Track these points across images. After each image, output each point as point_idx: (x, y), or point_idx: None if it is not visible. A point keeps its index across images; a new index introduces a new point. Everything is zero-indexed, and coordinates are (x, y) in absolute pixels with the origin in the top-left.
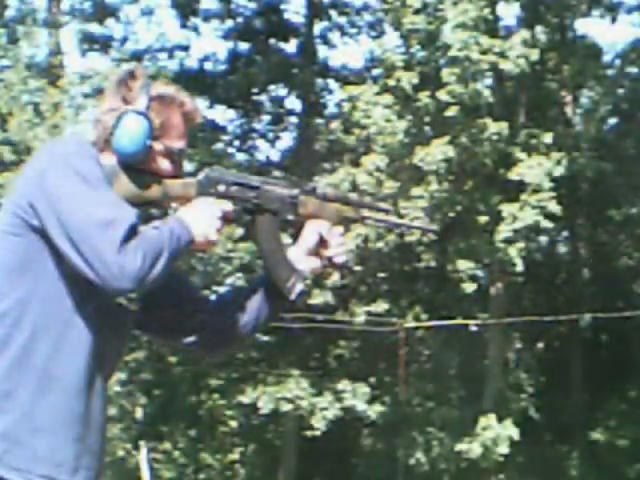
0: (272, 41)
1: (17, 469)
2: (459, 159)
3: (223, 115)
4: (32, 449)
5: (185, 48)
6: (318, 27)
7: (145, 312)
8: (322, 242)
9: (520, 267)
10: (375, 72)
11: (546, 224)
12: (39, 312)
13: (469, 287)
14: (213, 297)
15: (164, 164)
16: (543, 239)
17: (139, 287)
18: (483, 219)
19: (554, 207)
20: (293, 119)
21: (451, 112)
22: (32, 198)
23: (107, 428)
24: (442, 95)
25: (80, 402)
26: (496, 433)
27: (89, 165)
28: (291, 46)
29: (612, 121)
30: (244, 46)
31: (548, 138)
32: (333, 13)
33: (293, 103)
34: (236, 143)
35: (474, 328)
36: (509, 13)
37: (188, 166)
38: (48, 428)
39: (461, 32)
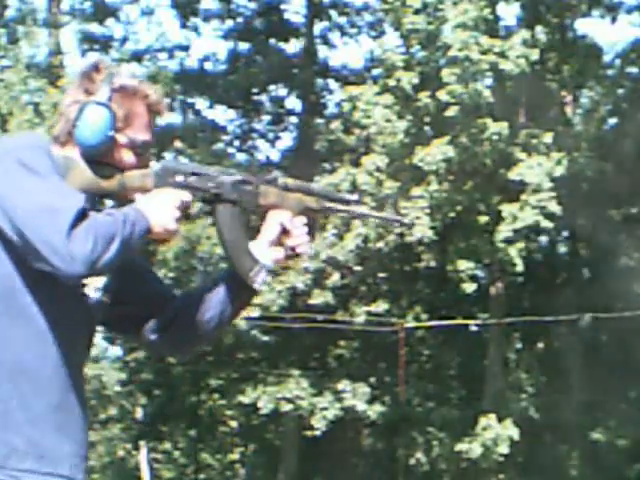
0: (272, 41)
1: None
2: (459, 159)
3: (223, 115)
4: (11, 445)
5: (185, 48)
6: (318, 27)
7: (112, 307)
8: (285, 232)
9: (520, 267)
10: (375, 72)
11: (546, 224)
12: (1, 308)
13: (469, 287)
14: (178, 294)
15: (128, 157)
16: (543, 239)
17: (90, 272)
18: (483, 219)
19: (554, 207)
20: (293, 119)
21: (451, 112)
22: None
23: (88, 416)
24: (442, 95)
25: (55, 392)
26: (496, 433)
27: (36, 156)
28: (291, 46)
29: (612, 121)
30: (244, 46)
31: (548, 138)
32: (333, 13)
33: (293, 103)
34: (236, 143)
35: (474, 328)
36: (509, 13)
37: None
38: (25, 421)
39: (461, 32)
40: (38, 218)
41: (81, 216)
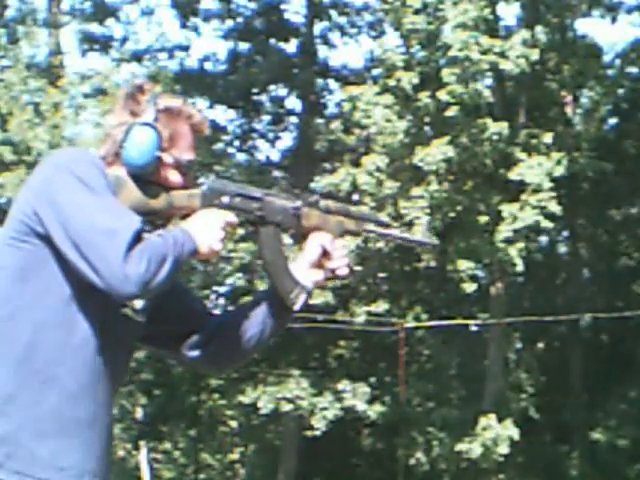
0: (272, 41)
1: (18, 472)
2: (459, 159)
3: (223, 115)
4: (33, 453)
5: (185, 48)
6: (318, 27)
7: (150, 325)
8: (325, 254)
9: (520, 267)
10: (375, 72)
11: (546, 224)
12: (43, 317)
13: (469, 287)
14: (217, 312)
15: (174, 176)
16: (543, 239)
17: (143, 292)
18: (483, 219)
19: (554, 207)
20: (293, 119)
21: (451, 112)
22: (37, 205)
23: (112, 437)
24: (442, 95)
25: (84, 407)
26: (496, 433)
27: (93, 173)
28: (291, 46)
29: (612, 121)
30: (244, 46)
31: (548, 138)
32: (333, 13)
33: (293, 103)
34: (236, 143)
35: (474, 328)
36: (509, 13)
37: None
38: (51, 432)
39: (461, 32)
40: (96, 235)
41: (137, 237)
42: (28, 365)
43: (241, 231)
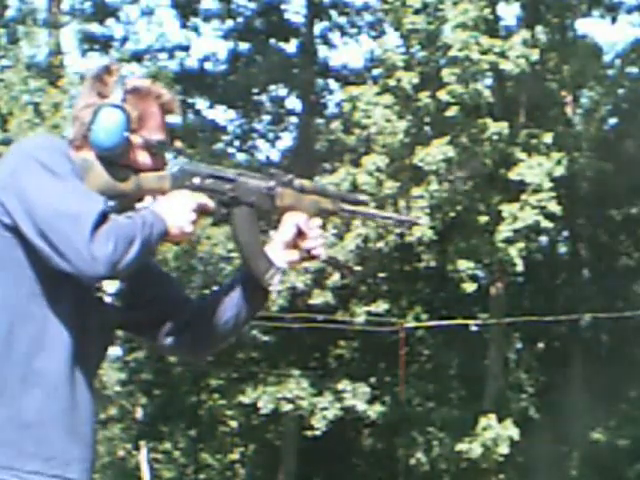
0: (272, 41)
1: (6, 467)
2: (459, 159)
3: (223, 115)
4: (19, 446)
5: (185, 48)
6: (318, 27)
7: (128, 311)
8: (300, 234)
9: (520, 267)
10: (375, 72)
11: (546, 224)
12: (16, 309)
13: (469, 287)
14: (194, 297)
15: (144, 157)
16: (543, 239)
17: (112, 273)
18: (483, 219)
19: (554, 207)
20: (293, 119)
21: (451, 112)
22: (2, 196)
23: (97, 421)
24: (442, 95)
25: (66, 395)
26: (496, 433)
27: (57, 158)
28: (291, 46)
29: (612, 121)
30: (244, 46)
31: (548, 138)
32: (333, 13)
33: (293, 103)
34: (236, 143)
35: (474, 328)
36: (509, 13)
37: None
38: (34, 423)
39: (461, 32)
40: (60, 220)
41: (102, 219)
42: (6, 358)
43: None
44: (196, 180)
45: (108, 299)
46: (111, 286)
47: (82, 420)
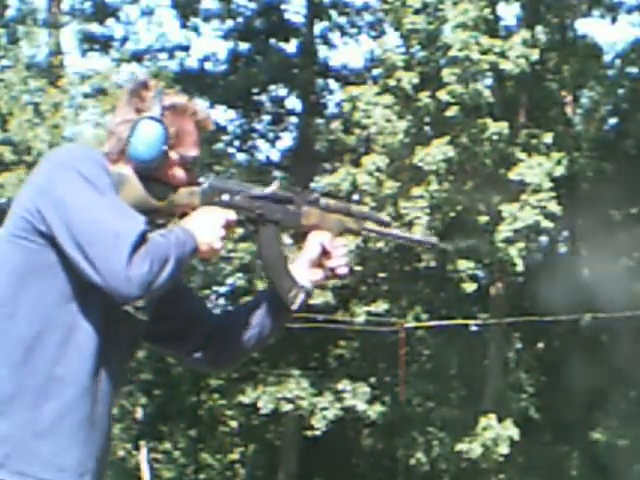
0: (272, 41)
1: (19, 473)
2: (459, 159)
3: (223, 115)
4: (35, 453)
5: (185, 48)
6: (318, 27)
7: (153, 323)
8: (324, 253)
9: (520, 267)
10: (375, 72)
11: (546, 224)
12: (44, 316)
13: (469, 287)
14: (217, 311)
15: (179, 173)
16: (543, 239)
17: (145, 293)
18: (483, 219)
19: (554, 207)
20: (293, 119)
21: (451, 112)
22: (39, 203)
23: (112, 434)
24: (442, 95)
25: (85, 407)
26: (496, 433)
27: (97, 171)
28: (291, 46)
29: (612, 121)
30: (244, 46)
31: (548, 138)
32: (333, 13)
33: (293, 103)
34: (236, 143)
35: (474, 328)
36: (509, 13)
37: None
38: (51, 432)
39: (461, 32)
40: (100, 236)
41: (142, 239)
42: (29, 365)
43: (240, 230)
44: (225, 196)
45: (135, 312)
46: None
47: (97, 433)
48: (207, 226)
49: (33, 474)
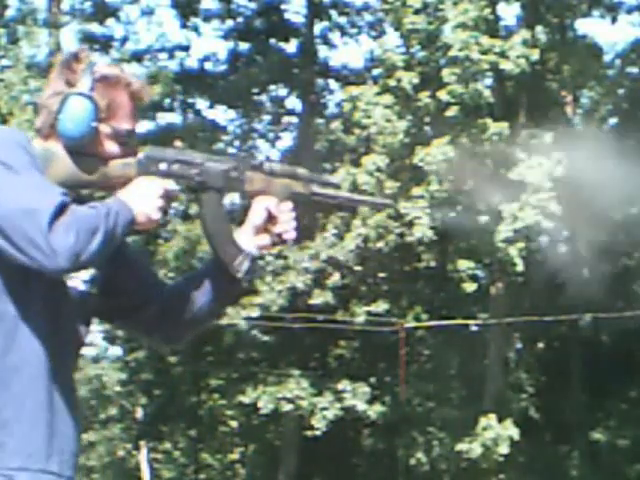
0: (272, 41)
1: None
2: (459, 159)
3: (223, 115)
4: (1, 444)
5: (185, 48)
6: (318, 27)
7: (103, 298)
8: (271, 218)
9: (520, 267)
10: (375, 72)
11: (546, 224)
12: None
13: (469, 287)
14: (168, 284)
15: (112, 147)
16: (543, 239)
17: (75, 264)
18: (483, 219)
19: (554, 207)
20: (293, 119)
21: (451, 112)
22: None
23: (81, 411)
24: (442, 95)
25: (43, 390)
26: (496, 433)
27: (12, 152)
28: (291, 46)
29: (612, 121)
30: (244, 46)
31: (548, 138)
32: (333, 13)
33: (293, 103)
34: (236, 143)
35: (474, 328)
36: (509, 13)
37: None
38: (14, 420)
39: (461, 32)
40: (18, 216)
41: (60, 211)
42: None
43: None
44: (163, 166)
45: (82, 287)
46: (84, 274)
47: (62, 412)
48: (144, 196)
49: (3, 465)
